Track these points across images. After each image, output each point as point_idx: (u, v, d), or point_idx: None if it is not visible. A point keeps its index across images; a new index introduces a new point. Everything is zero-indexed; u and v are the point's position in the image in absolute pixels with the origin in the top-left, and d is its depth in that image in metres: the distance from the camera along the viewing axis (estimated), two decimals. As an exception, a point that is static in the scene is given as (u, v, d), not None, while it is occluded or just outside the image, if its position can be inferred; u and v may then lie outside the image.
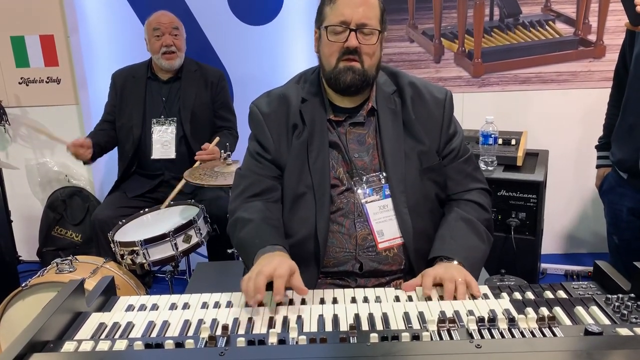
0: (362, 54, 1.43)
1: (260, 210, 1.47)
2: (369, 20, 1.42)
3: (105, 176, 3.39)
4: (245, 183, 1.55)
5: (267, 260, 1.27)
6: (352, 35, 1.41)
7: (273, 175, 1.53)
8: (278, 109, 1.54)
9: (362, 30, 1.42)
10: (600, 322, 1.08)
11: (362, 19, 1.41)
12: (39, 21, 3.20)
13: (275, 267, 1.21)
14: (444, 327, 1.04)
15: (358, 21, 1.41)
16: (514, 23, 3.10)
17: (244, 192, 1.54)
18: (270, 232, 1.42)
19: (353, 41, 1.42)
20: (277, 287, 1.18)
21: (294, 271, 1.24)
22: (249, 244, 1.41)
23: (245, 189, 1.54)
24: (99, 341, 1.04)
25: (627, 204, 1.94)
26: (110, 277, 1.34)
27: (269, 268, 1.21)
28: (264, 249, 1.35)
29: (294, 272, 1.24)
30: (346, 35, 1.42)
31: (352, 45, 1.42)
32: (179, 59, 2.79)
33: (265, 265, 1.23)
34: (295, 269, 1.25)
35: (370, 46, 1.44)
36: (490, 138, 2.61)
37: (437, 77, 3.20)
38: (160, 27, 2.74)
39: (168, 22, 2.75)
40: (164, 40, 2.73)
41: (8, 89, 3.31)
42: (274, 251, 1.34)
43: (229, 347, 0.99)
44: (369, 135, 1.53)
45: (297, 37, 3.16)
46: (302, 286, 1.22)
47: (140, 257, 2.31)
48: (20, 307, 2.18)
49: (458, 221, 1.49)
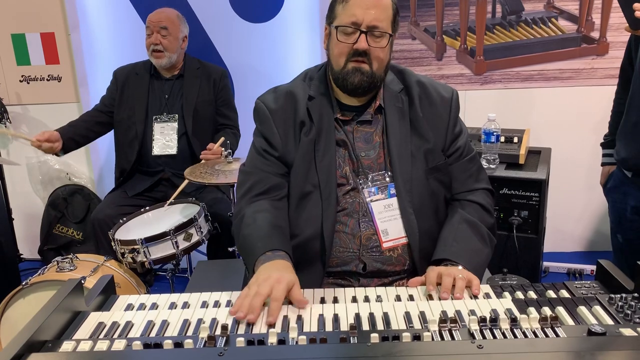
0: (371, 56, 1.42)
1: (265, 211, 1.44)
2: (380, 23, 1.40)
3: (106, 174, 3.39)
4: (251, 181, 1.51)
5: (265, 275, 1.22)
6: (362, 37, 1.40)
7: (279, 173, 1.51)
8: (285, 105, 1.52)
9: (373, 32, 1.40)
10: (603, 322, 1.07)
11: (374, 21, 1.40)
12: (40, 19, 3.20)
13: (272, 286, 1.17)
14: (446, 327, 1.03)
15: (369, 23, 1.39)
16: (517, 20, 3.09)
17: (250, 190, 1.50)
18: (274, 235, 1.39)
19: (363, 44, 1.40)
20: (271, 309, 1.13)
21: (291, 286, 1.19)
22: (250, 248, 1.38)
23: (251, 187, 1.50)
24: (97, 341, 1.03)
25: (631, 203, 1.93)
26: (110, 276, 1.33)
27: (266, 288, 1.17)
28: (264, 257, 1.32)
29: (292, 286, 1.20)
30: (356, 37, 1.41)
31: (361, 47, 1.41)
32: (167, 58, 2.77)
33: (262, 284, 1.18)
34: (293, 283, 1.20)
35: (380, 49, 1.42)
36: (493, 136, 2.60)
37: (439, 75, 3.19)
38: (150, 25, 2.75)
39: (156, 21, 2.74)
40: (152, 39, 2.74)
41: (9, 86, 3.31)
42: (274, 259, 1.31)
43: (228, 347, 0.98)
44: (376, 134, 1.52)
45: (298, 34, 3.16)
46: (301, 298, 1.18)
47: (141, 255, 2.30)
48: (21, 305, 2.18)
49: (461, 223, 1.47)
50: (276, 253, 1.33)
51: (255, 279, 1.23)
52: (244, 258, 1.45)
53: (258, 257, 1.33)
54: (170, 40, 2.75)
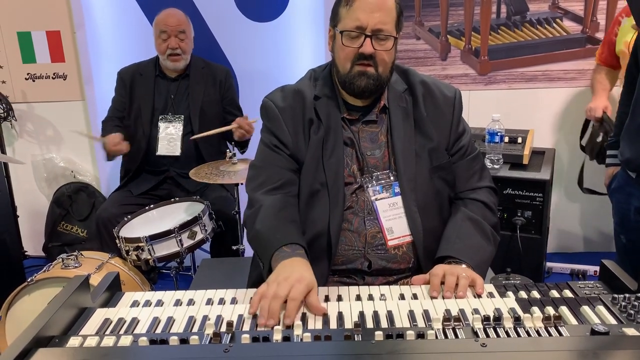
0: (377, 59, 1.43)
1: (283, 205, 1.44)
2: (385, 26, 1.41)
3: (110, 172, 3.41)
4: (265, 174, 1.50)
5: (285, 274, 1.20)
6: (368, 41, 1.40)
7: (292, 168, 1.50)
8: (294, 104, 1.53)
9: (378, 35, 1.41)
10: (606, 321, 1.07)
11: (378, 24, 1.40)
12: (46, 17, 3.21)
13: (292, 286, 1.15)
14: (449, 325, 1.04)
15: (374, 27, 1.40)
16: (521, 20, 3.09)
17: (264, 183, 1.49)
18: (292, 230, 1.38)
19: (368, 47, 1.41)
20: (289, 310, 1.12)
21: (311, 288, 1.17)
22: (267, 239, 1.37)
23: (265, 180, 1.49)
24: (104, 337, 1.04)
25: (635, 204, 1.93)
26: (116, 273, 1.34)
27: (285, 289, 1.14)
28: (283, 253, 1.31)
29: (311, 289, 1.17)
30: (361, 41, 1.41)
31: (367, 51, 1.41)
32: (184, 61, 2.80)
33: (282, 284, 1.16)
34: (313, 285, 1.18)
35: (386, 52, 1.43)
36: (497, 136, 2.60)
37: (444, 75, 3.19)
38: (167, 29, 2.75)
39: (174, 25, 2.75)
40: (169, 43, 2.74)
41: (15, 84, 3.33)
42: (294, 257, 1.30)
43: (234, 344, 0.99)
44: (381, 133, 1.53)
45: (303, 34, 3.16)
46: (318, 305, 1.15)
47: (146, 253, 2.31)
48: (26, 302, 2.19)
49: (465, 221, 1.48)
50: (295, 250, 1.33)
51: (275, 277, 1.22)
52: (258, 249, 1.44)
53: (276, 248, 1.32)
54: (187, 43, 2.79)
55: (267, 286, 1.18)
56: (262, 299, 1.14)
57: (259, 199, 1.46)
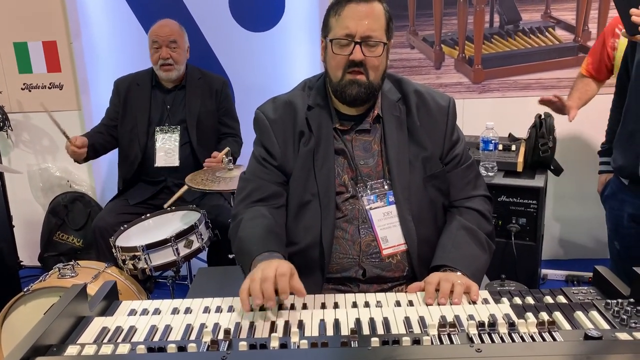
0: (367, 66, 1.44)
1: (263, 216, 1.47)
2: (374, 32, 1.42)
3: (106, 182, 3.41)
4: (250, 187, 1.54)
5: (265, 264, 1.25)
6: (357, 48, 1.42)
7: (278, 181, 1.53)
8: (284, 115, 1.55)
9: (367, 42, 1.42)
10: (599, 326, 1.09)
11: (367, 31, 1.42)
12: (42, 27, 3.22)
13: (276, 268, 1.21)
14: (445, 331, 1.05)
15: (363, 34, 1.42)
16: (514, 30, 3.12)
17: (249, 196, 1.53)
18: (271, 239, 1.41)
19: (358, 54, 1.42)
20: (281, 286, 1.18)
21: (294, 272, 1.24)
22: (247, 249, 1.40)
23: (249, 193, 1.54)
24: (101, 345, 1.04)
25: (628, 210, 1.95)
26: (113, 282, 1.34)
27: (270, 271, 1.20)
28: (261, 256, 1.34)
29: (294, 273, 1.24)
30: (351, 49, 1.43)
31: (357, 58, 1.43)
32: (177, 71, 2.80)
33: (266, 269, 1.21)
34: (294, 270, 1.24)
35: (376, 58, 1.45)
36: (491, 144, 2.62)
37: (438, 84, 3.21)
38: (159, 39, 2.75)
39: (166, 35, 2.75)
40: (161, 53, 2.75)
41: (11, 94, 3.33)
42: (271, 258, 1.32)
43: (231, 351, 1.00)
44: (374, 142, 1.54)
45: (299, 43, 3.18)
46: (301, 288, 1.21)
47: (142, 262, 2.31)
48: (22, 312, 2.18)
49: (460, 230, 1.49)
50: (273, 254, 1.35)
51: (255, 269, 1.25)
52: (240, 259, 1.47)
53: (255, 257, 1.35)
54: (179, 53, 2.78)
55: (249, 279, 1.22)
56: (252, 283, 1.19)
57: (240, 212, 1.51)
